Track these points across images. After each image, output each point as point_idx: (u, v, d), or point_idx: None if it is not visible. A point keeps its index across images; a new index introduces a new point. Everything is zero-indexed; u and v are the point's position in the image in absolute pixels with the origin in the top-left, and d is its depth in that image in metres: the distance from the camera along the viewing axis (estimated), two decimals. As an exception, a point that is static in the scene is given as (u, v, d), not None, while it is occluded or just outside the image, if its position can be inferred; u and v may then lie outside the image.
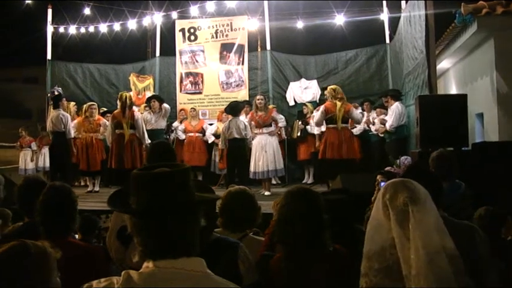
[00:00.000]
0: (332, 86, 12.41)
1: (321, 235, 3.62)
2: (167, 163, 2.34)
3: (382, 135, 13.34)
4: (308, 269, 3.52)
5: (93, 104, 15.04)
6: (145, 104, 15.62)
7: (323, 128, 12.65)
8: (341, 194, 5.07)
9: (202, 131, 15.91)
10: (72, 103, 15.82)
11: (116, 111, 12.96)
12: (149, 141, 12.38)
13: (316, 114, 12.62)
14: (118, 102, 13.05)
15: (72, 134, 13.66)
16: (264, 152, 12.99)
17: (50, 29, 18.36)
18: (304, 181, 15.37)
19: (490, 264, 3.82)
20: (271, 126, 13.38)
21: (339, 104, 11.89)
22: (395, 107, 12.72)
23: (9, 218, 5.12)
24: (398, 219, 2.96)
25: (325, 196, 4.43)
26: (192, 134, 15.60)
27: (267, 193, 12.71)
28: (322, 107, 12.38)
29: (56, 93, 14.91)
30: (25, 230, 4.41)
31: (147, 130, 13.38)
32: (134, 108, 13.36)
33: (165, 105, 14.21)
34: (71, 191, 4.32)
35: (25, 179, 5.07)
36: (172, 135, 15.88)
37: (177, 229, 2.19)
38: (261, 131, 13.13)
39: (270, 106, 14.67)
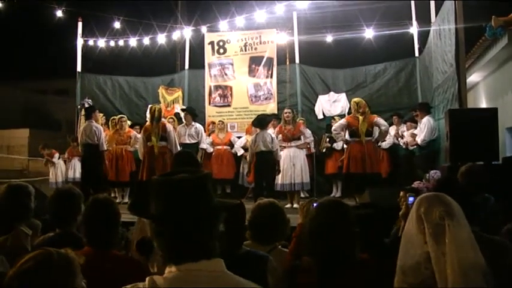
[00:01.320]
0: (355, 99, 12.48)
1: (353, 248, 3.59)
2: (188, 169, 2.38)
3: (412, 148, 13.27)
4: (339, 282, 3.49)
5: (123, 117, 15.22)
6: (169, 117, 15.73)
7: (341, 143, 12.63)
8: (369, 208, 5.04)
9: (230, 144, 15.95)
10: (101, 115, 15.89)
11: (147, 124, 13.04)
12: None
13: (336, 124, 12.65)
14: (148, 115, 13.17)
15: (105, 147, 13.71)
16: (292, 164, 13.07)
17: (80, 41, 18.51)
18: (332, 194, 15.23)
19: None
20: (299, 139, 13.40)
21: (361, 117, 11.90)
22: (426, 121, 12.61)
23: (39, 229, 5.16)
24: (434, 234, 2.95)
25: (353, 211, 4.43)
26: (220, 147, 15.61)
27: (295, 205, 12.69)
28: (343, 120, 12.43)
29: (87, 105, 15.10)
30: (56, 240, 4.44)
31: (181, 144, 13.62)
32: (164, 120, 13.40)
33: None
34: (114, 203, 4.38)
35: (57, 190, 5.13)
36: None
37: (196, 234, 2.25)
38: (289, 144, 13.19)
39: (299, 120, 14.71)
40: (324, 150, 15.26)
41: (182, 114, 16.42)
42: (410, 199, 6.00)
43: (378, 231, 4.72)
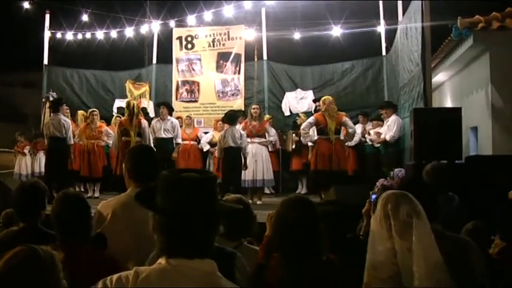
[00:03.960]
0: (324, 98, 12.49)
1: (318, 243, 3.60)
2: (196, 169, 2.47)
3: (378, 145, 13.35)
4: (305, 278, 3.50)
5: (94, 111, 15.10)
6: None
7: (315, 138, 12.63)
8: (334, 205, 5.08)
9: (197, 139, 15.94)
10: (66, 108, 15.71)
11: (123, 119, 13.18)
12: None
13: (304, 123, 12.70)
14: (125, 110, 13.24)
15: (72, 141, 13.57)
16: (254, 161, 13.18)
17: (47, 34, 18.36)
18: (297, 191, 15.31)
19: (487, 279, 3.84)
20: (263, 136, 13.54)
21: (330, 116, 11.97)
22: (395, 118, 12.79)
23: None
24: (400, 230, 3.00)
25: (318, 207, 4.44)
26: (187, 142, 15.52)
27: (258, 202, 12.79)
28: (312, 118, 12.47)
29: (51, 98, 14.92)
30: (21, 235, 4.45)
31: (156, 138, 13.86)
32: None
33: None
34: (84, 198, 4.37)
35: (22, 184, 5.09)
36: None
37: (198, 232, 2.30)
38: (252, 140, 13.26)
39: (266, 117, 14.89)
40: (293, 147, 15.22)
41: (149, 109, 16.44)
42: (373, 196, 6.05)
43: (343, 228, 4.75)
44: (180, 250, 2.28)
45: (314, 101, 14.49)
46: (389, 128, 12.85)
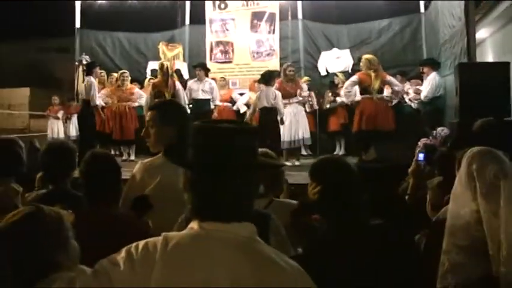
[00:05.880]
0: (367, 56, 12.25)
1: (357, 207, 3.32)
2: (235, 121, 2.22)
3: (416, 105, 13.03)
4: (352, 244, 3.22)
5: (124, 72, 14.92)
6: (150, 77, 15.84)
7: (357, 98, 12.34)
8: (379, 163, 4.78)
9: (232, 101, 15.76)
10: (101, 71, 15.60)
11: (156, 80, 13.05)
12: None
13: (347, 82, 12.39)
14: (158, 71, 13.11)
15: (97, 101, 13.46)
16: (296, 120, 12.97)
17: (79, -3, 18.13)
18: (335, 152, 15.14)
19: None
20: (296, 96, 13.25)
21: (373, 74, 11.68)
22: (432, 78, 12.32)
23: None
24: (486, 193, 2.68)
25: (364, 165, 4.19)
26: (220, 104, 15.25)
27: (297, 163, 12.60)
28: (355, 77, 12.16)
29: (84, 61, 14.78)
30: (49, 197, 4.19)
31: (193, 99, 13.85)
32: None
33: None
34: (114, 158, 4.14)
35: (48, 145, 4.84)
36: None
37: (233, 190, 2.01)
38: (291, 100, 13.03)
39: (304, 78, 14.91)
40: (328, 106, 15.04)
41: (183, 71, 16.24)
42: (421, 155, 5.78)
43: (392, 187, 4.51)
44: (214, 212, 2.00)
45: (358, 59, 14.09)
46: (425, 87, 12.53)
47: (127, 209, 3.88)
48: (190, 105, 13.64)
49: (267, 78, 12.54)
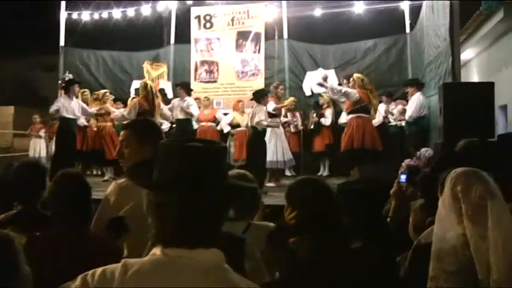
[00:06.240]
0: (359, 75, 12.27)
1: (342, 228, 3.20)
2: (201, 139, 2.04)
3: (400, 125, 13.00)
4: (336, 265, 3.10)
5: (106, 92, 14.94)
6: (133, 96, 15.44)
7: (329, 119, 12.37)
8: (370, 183, 4.63)
9: (215, 121, 15.60)
10: (84, 90, 15.44)
11: (139, 100, 12.82)
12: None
13: (349, 91, 12.24)
14: (141, 91, 12.98)
15: (82, 121, 13.30)
16: (278, 141, 12.93)
17: (63, 15, 18.08)
18: (319, 173, 15.05)
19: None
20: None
21: (371, 94, 11.81)
22: (416, 98, 12.34)
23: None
24: (472, 215, 2.56)
25: (346, 186, 4.08)
26: (204, 124, 15.22)
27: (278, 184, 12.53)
28: (354, 91, 12.06)
29: (67, 79, 14.65)
30: (19, 218, 4.10)
31: (176, 119, 13.91)
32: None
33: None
34: (84, 177, 3.93)
35: (18, 164, 4.68)
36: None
37: (200, 213, 1.85)
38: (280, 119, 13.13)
39: (291, 99, 14.88)
40: (312, 127, 14.99)
41: (167, 90, 16.17)
42: (402, 177, 5.70)
43: (380, 208, 4.40)
44: (179, 237, 1.83)
45: (346, 77, 14.03)
46: (409, 107, 12.52)
47: (99, 230, 3.73)
48: (174, 125, 13.55)
49: (259, 95, 12.44)
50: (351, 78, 12.44)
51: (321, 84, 12.66)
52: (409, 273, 3.59)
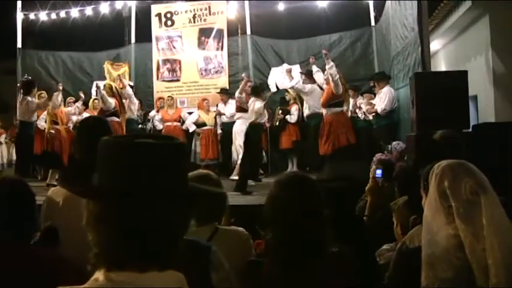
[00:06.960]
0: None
1: (321, 236, 2.84)
2: (154, 135, 1.75)
3: (370, 118, 12.76)
4: (306, 276, 2.75)
5: (70, 98, 15.00)
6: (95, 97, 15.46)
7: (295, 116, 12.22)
8: (344, 181, 4.30)
9: (180, 120, 15.38)
10: (41, 92, 14.97)
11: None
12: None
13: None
14: (107, 93, 13.31)
15: (43, 123, 13.03)
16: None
17: (20, 16, 17.60)
18: (288, 170, 14.73)
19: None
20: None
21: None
22: (387, 91, 12.13)
23: None
24: (464, 213, 2.24)
25: (327, 184, 3.76)
26: (169, 123, 15.06)
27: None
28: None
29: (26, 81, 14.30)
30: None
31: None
32: None
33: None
34: (26, 184, 3.38)
35: None
36: (149, 125, 15.38)
37: (153, 226, 1.46)
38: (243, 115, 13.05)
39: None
40: (277, 123, 14.82)
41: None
42: (378, 172, 5.48)
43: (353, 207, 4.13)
44: (126, 258, 1.44)
45: (302, 73, 13.89)
46: (381, 100, 12.25)
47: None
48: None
49: (259, 90, 12.42)
50: (325, 72, 12.40)
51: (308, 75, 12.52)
52: (394, 279, 3.30)
